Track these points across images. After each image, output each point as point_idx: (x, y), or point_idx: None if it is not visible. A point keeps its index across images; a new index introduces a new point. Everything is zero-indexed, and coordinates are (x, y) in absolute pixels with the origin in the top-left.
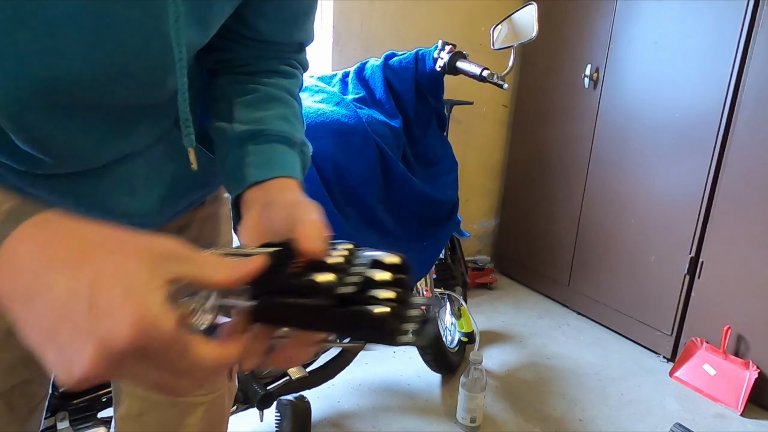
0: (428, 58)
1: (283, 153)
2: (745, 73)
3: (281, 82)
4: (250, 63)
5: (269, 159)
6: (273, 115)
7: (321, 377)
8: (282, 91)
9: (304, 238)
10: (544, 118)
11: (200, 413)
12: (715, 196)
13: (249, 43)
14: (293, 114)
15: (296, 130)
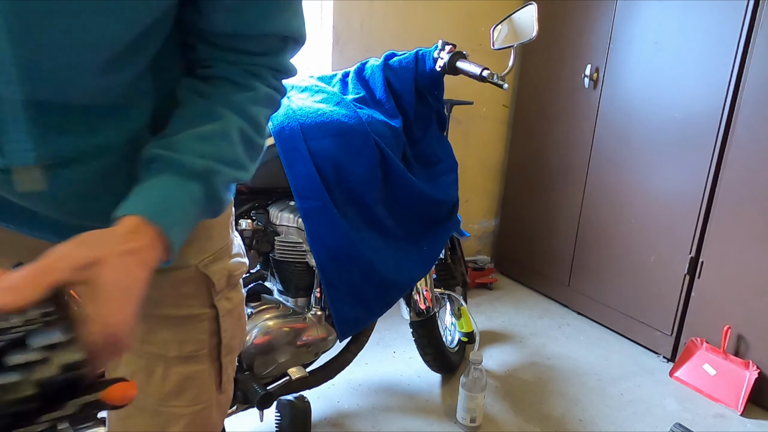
0: (428, 58)
1: (161, 187)
2: (745, 73)
3: (230, 96)
4: (208, 65)
5: (141, 193)
6: (193, 135)
7: (321, 377)
8: (224, 107)
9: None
10: (544, 118)
11: (182, 424)
12: (715, 196)
13: (210, 38)
14: (222, 134)
15: (211, 154)
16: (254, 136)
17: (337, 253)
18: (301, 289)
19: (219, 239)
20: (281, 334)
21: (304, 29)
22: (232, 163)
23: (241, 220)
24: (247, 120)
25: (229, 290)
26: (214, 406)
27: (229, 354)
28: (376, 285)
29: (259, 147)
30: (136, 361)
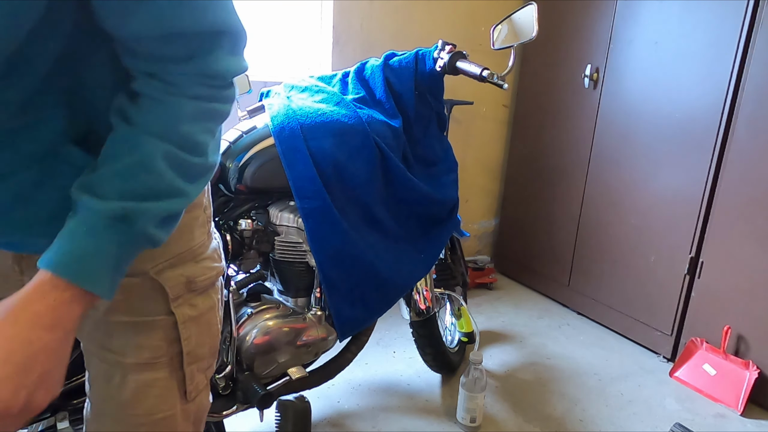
0: (428, 58)
1: (78, 236)
2: (745, 73)
3: (152, 118)
4: (133, 78)
5: (59, 243)
6: (113, 171)
7: (321, 377)
8: (145, 134)
9: None
10: (544, 118)
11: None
12: (715, 196)
13: (125, 45)
14: (143, 166)
15: (132, 192)
16: (188, 156)
17: (337, 253)
18: (301, 289)
19: (179, 244)
20: (281, 334)
21: (229, 18)
22: (160, 195)
23: (241, 220)
24: (174, 143)
25: (194, 296)
26: (178, 415)
27: (196, 362)
28: (376, 285)
29: (200, 166)
30: (98, 364)
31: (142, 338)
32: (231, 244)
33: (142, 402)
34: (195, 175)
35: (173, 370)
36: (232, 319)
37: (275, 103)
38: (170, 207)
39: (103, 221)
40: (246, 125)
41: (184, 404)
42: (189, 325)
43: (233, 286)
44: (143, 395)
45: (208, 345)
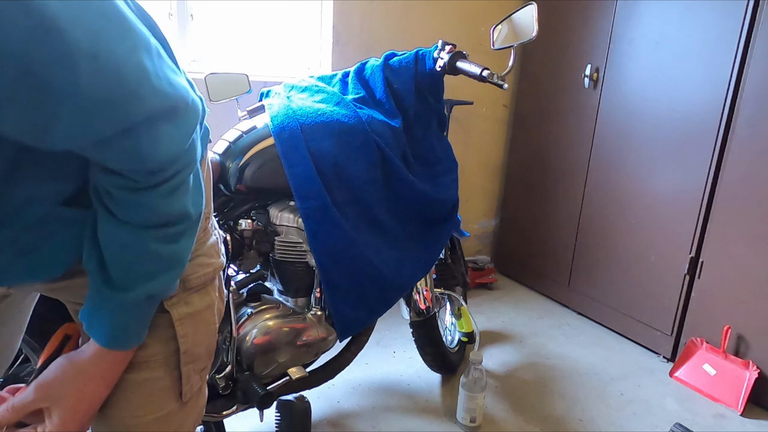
0: (428, 58)
1: (110, 320)
2: (745, 73)
3: (120, 214)
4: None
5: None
6: (122, 268)
7: (321, 377)
8: (126, 230)
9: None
10: (544, 118)
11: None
12: (715, 196)
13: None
14: (136, 259)
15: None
16: (175, 228)
17: (337, 253)
18: (301, 289)
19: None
20: (281, 334)
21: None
22: (170, 267)
23: (241, 220)
24: (158, 225)
25: (189, 294)
26: (172, 416)
27: (192, 362)
28: (376, 285)
29: (188, 227)
30: None
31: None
32: (231, 244)
33: (134, 401)
34: (188, 234)
35: (168, 369)
36: (232, 319)
37: (275, 103)
38: (177, 272)
39: (133, 304)
40: (246, 125)
41: (178, 404)
42: (185, 322)
43: (233, 286)
44: (136, 395)
45: (205, 344)
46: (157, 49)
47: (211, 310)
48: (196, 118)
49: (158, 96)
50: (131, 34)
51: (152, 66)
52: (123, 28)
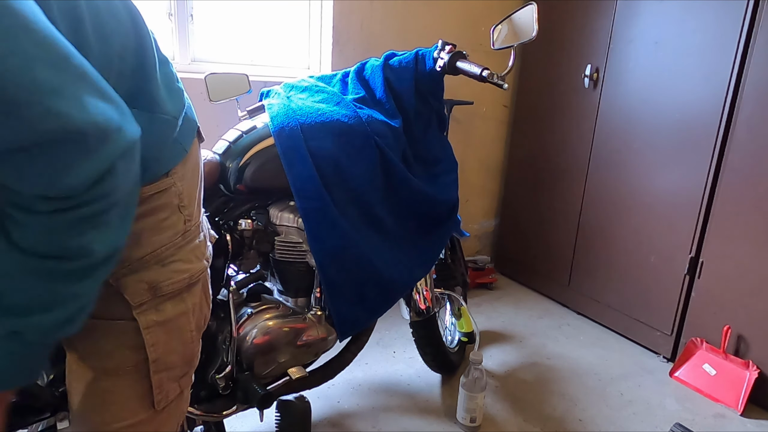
0: (428, 58)
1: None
2: (745, 73)
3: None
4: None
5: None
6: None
7: (321, 377)
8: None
9: None
10: (544, 118)
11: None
12: (715, 196)
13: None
14: (8, 287)
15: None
16: (64, 264)
17: (337, 253)
18: (301, 289)
19: (139, 248)
20: (281, 334)
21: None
22: (46, 306)
23: (241, 220)
24: (42, 255)
25: (162, 301)
26: (146, 425)
27: (165, 371)
28: (376, 285)
29: (85, 267)
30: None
31: (104, 343)
32: (231, 244)
33: (104, 409)
34: (82, 275)
35: (139, 377)
36: (232, 319)
37: (275, 103)
38: (61, 315)
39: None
40: (246, 125)
41: (151, 413)
42: (155, 331)
43: (233, 286)
44: (106, 402)
45: (179, 352)
46: (81, 70)
47: (186, 317)
48: (119, 149)
49: (58, 118)
50: (23, 48)
51: (55, 85)
52: (13, 42)
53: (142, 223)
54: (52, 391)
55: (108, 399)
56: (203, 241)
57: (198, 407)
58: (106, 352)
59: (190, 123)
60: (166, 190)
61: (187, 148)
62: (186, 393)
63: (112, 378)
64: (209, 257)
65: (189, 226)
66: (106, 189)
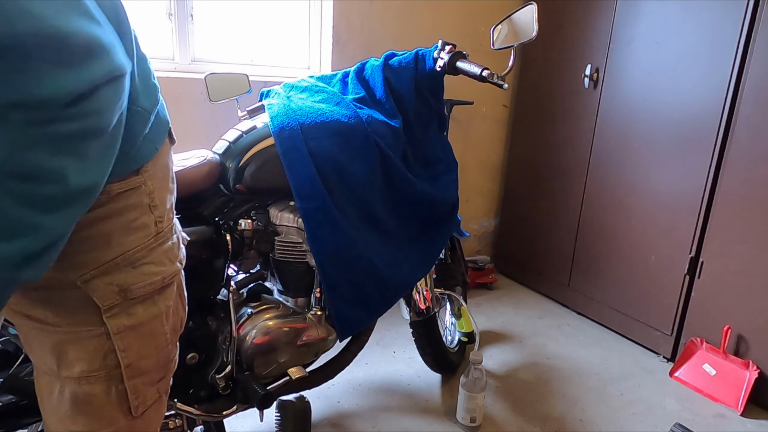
0: (428, 58)
1: None
2: (745, 73)
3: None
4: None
5: None
6: None
7: (321, 377)
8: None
9: None
10: (544, 118)
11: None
12: (715, 196)
13: None
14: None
15: None
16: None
17: (337, 253)
18: (301, 289)
19: (108, 250)
20: (281, 334)
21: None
22: (6, 235)
23: (241, 220)
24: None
25: (132, 304)
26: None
27: (140, 376)
28: (376, 285)
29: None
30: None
31: (74, 350)
32: (231, 244)
33: (79, 417)
34: (52, 206)
35: (113, 384)
36: (232, 319)
37: (275, 103)
38: (25, 247)
39: None
40: (246, 125)
41: (129, 419)
42: (126, 336)
43: (233, 286)
44: (80, 410)
45: (153, 357)
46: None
47: (159, 320)
48: (104, 71)
49: (40, 21)
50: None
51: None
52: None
53: (112, 223)
54: None
55: (83, 408)
56: (176, 243)
57: (198, 407)
58: (79, 359)
59: (162, 122)
60: (136, 188)
61: (158, 147)
62: (164, 397)
63: (85, 385)
64: (182, 260)
65: (161, 228)
66: (86, 110)
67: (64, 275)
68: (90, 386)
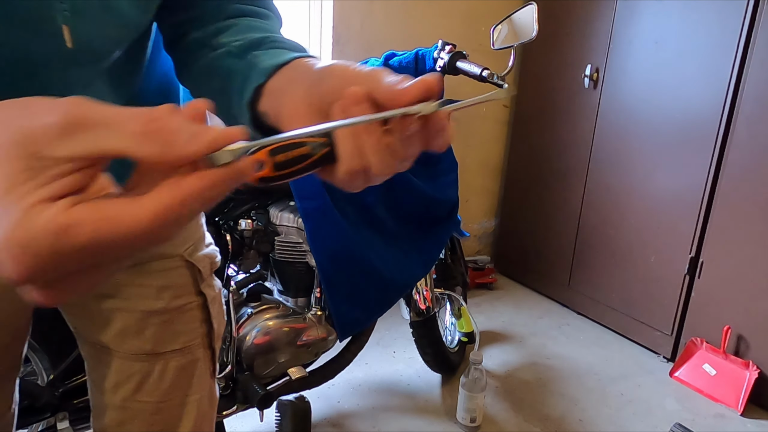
0: (428, 58)
1: (300, 49)
2: (745, 73)
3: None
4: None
5: (286, 49)
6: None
7: (321, 377)
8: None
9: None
10: (544, 118)
11: (191, 415)
12: (715, 196)
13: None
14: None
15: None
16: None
17: (337, 253)
18: (301, 289)
19: (196, 229)
20: (281, 334)
21: None
22: None
23: (241, 220)
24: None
25: (211, 278)
26: (213, 392)
27: (218, 340)
28: (376, 285)
29: None
30: (130, 365)
31: (179, 322)
32: (231, 244)
33: (181, 385)
34: None
35: (204, 350)
36: (232, 319)
37: None
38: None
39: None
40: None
41: (212, 381)
42: (213, 304)
43: (233, 286)
44: (182, 379)
45: (223, 324)
46: None
47: (221, 292)
48: None
49: None
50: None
51: None
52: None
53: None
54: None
55: (188, 377)
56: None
57: None
58: (182, 332)
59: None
60: None
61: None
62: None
63: (187, 355)
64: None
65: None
66: None
67: (174, 249)
68: (192, 355)
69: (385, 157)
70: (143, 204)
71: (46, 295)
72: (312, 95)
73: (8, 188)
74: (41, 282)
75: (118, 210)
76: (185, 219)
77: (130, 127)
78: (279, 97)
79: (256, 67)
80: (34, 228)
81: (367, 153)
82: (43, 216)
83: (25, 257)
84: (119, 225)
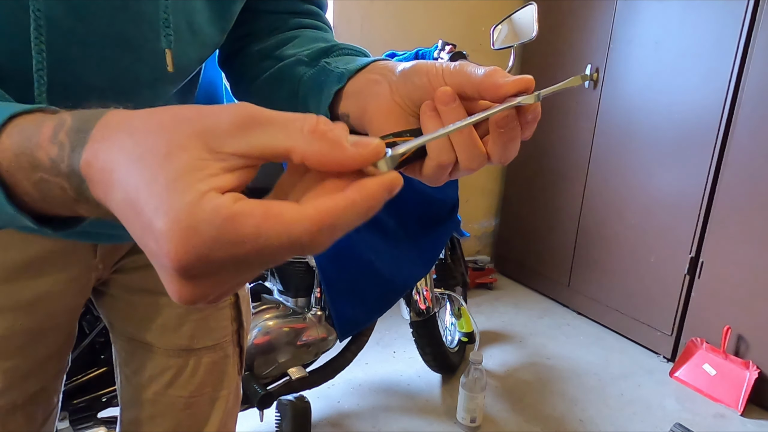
0: (428, 58)
1: (367, 54)
2: (745, 73)
3: (319, 34)
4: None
5: (356, 55)
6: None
7: (321, 377)
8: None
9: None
10: (544, 118)
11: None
12: (715, 196)
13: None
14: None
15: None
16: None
17: (337, 253)
18: (301, 289)
19: None
20: (281, 334)
21: None
22: None
23: None
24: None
25: None
26: (239, 388)
27: (246, 338)
28: (376, 285)
29: None
30: (165, 360)
31: (213, 320)
32: None
33: (211, 381)
34: None
35: (233, 347)
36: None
37: None
38: None
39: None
40: None
41: (238, 377)
42: (243, 301)
43: None
44: (213, 374)
45: (250, 323)
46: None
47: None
48: None
49: None
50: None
51: None
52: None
53: None
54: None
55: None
56: None
57: None
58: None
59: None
60: None
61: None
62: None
63: (219, 351)
64: None
65: None
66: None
67: None
68: (223, 350)
69: (474, 151)
70: (306, 207)
71: (192, 289)
72: (397, 94)
73: (180, 175)
74: (193, 273)
75: (281, 209)
76: (341, 229)
77: (300, 125)
78: (361, 98)
79: (332, 73)
80: (204, 211)
81: (457, 148)
82: (213, 202)
83: (190, 240)
84: (281, 223)
